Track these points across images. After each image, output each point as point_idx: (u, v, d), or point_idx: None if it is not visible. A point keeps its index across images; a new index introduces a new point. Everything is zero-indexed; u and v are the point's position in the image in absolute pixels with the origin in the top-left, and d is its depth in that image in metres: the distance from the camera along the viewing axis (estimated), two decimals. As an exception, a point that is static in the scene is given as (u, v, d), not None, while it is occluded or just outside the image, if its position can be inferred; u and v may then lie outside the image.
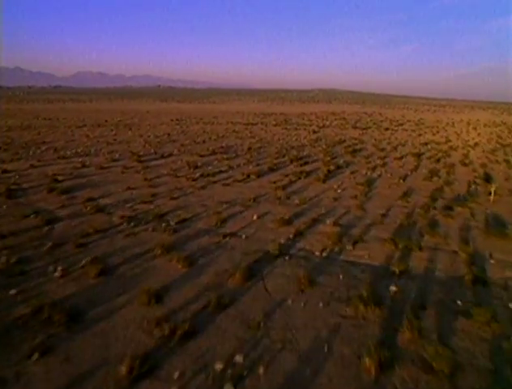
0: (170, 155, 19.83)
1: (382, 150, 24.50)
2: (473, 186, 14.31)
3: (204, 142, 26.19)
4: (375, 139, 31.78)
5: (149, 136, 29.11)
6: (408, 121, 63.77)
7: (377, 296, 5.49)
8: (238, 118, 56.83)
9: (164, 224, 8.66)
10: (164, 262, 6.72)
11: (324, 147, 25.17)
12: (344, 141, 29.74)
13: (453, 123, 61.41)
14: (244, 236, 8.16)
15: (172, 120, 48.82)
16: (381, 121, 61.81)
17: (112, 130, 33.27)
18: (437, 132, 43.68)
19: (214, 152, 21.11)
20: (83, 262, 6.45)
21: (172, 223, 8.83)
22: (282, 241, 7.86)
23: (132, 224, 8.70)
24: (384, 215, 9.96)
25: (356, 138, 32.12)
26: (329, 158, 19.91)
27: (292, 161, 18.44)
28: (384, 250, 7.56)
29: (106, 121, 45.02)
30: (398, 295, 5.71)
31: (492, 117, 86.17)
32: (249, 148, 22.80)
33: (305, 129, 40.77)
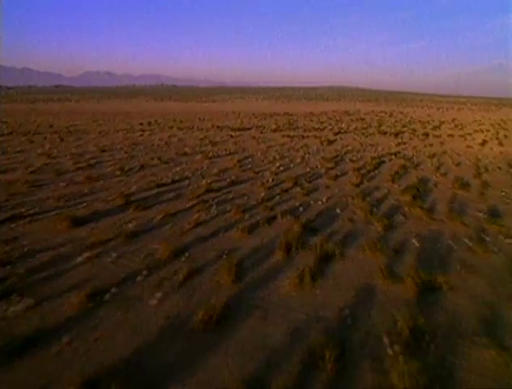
0: (13, 217, 8.74)
1: (466, 186, 12.95)
2: None
3: (141, 168, 15.02)
4: (428, 156, 20.19)
5: (66, 156, 18.11)
6: (442, 122, 51.70)
7: None
8: (230, 120, 45.53)
9: None
10: None
11: (354, 178, 13.75)
12: (382, 160, 18.26)
13: (499, 124, 49.21)
14: None
15: (141, 123, 37.77)
16: (409, 122, 49.89)
17: (31, 142, 22.38)
18: (497, 139, 31.77)
19: (126, 204, 9.92)
20: None
21: None
22: None
23: None
24: None
25: (396, 154, 20.61)
26: (379, 224, 8.50)
27: (288, 248, 7.08)
28: None
29: (51, 126, 34.20)
30: None
31: (534, 116, 73.14)
32: (209, 190, 11.49)
33: (315, 136, 29.29)
